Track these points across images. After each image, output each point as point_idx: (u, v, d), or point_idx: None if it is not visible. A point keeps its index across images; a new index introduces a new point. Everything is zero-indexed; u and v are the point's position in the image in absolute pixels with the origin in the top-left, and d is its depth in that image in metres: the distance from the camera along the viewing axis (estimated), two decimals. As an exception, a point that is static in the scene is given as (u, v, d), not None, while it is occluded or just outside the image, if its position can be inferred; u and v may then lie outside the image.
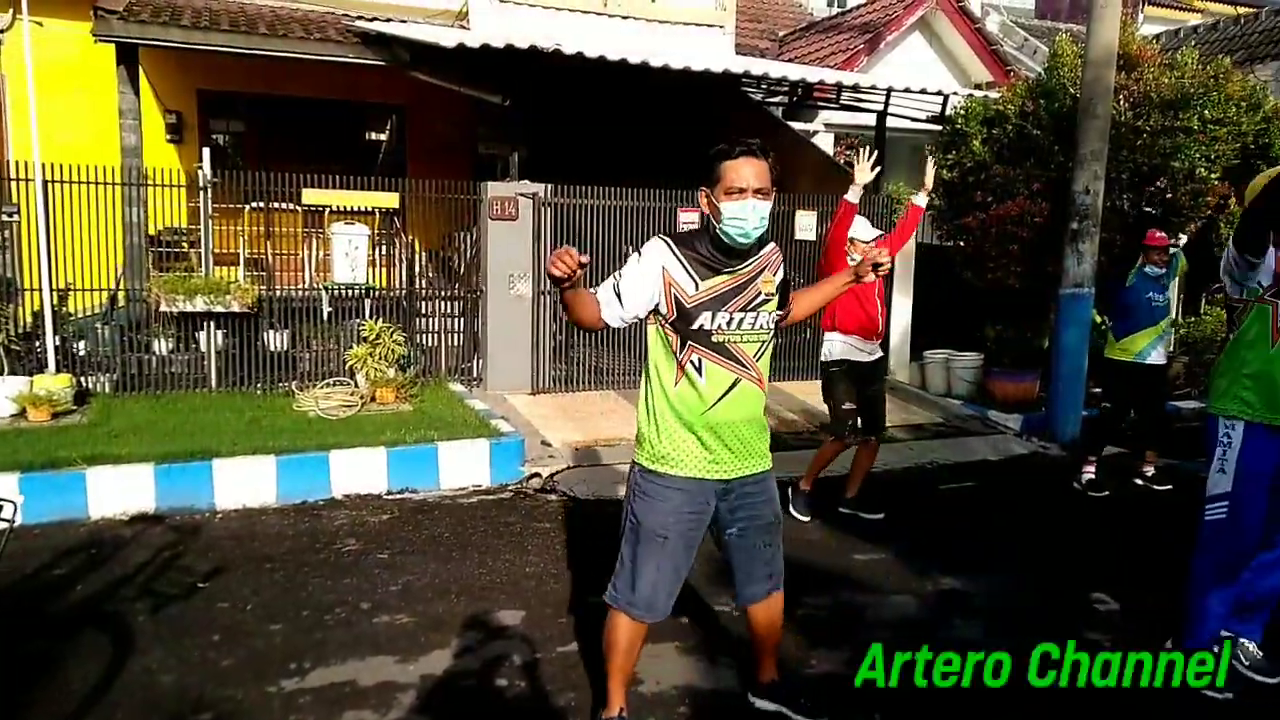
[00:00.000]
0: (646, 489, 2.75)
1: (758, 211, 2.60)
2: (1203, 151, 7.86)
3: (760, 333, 2.73)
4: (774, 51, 13.78)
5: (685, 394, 2.67)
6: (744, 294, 2.69)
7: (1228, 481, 3.22)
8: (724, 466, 2.74)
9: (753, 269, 2.74)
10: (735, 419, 2.71)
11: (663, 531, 2.73)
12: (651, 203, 8.35)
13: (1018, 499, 6.13)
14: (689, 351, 2.65)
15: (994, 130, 8.80)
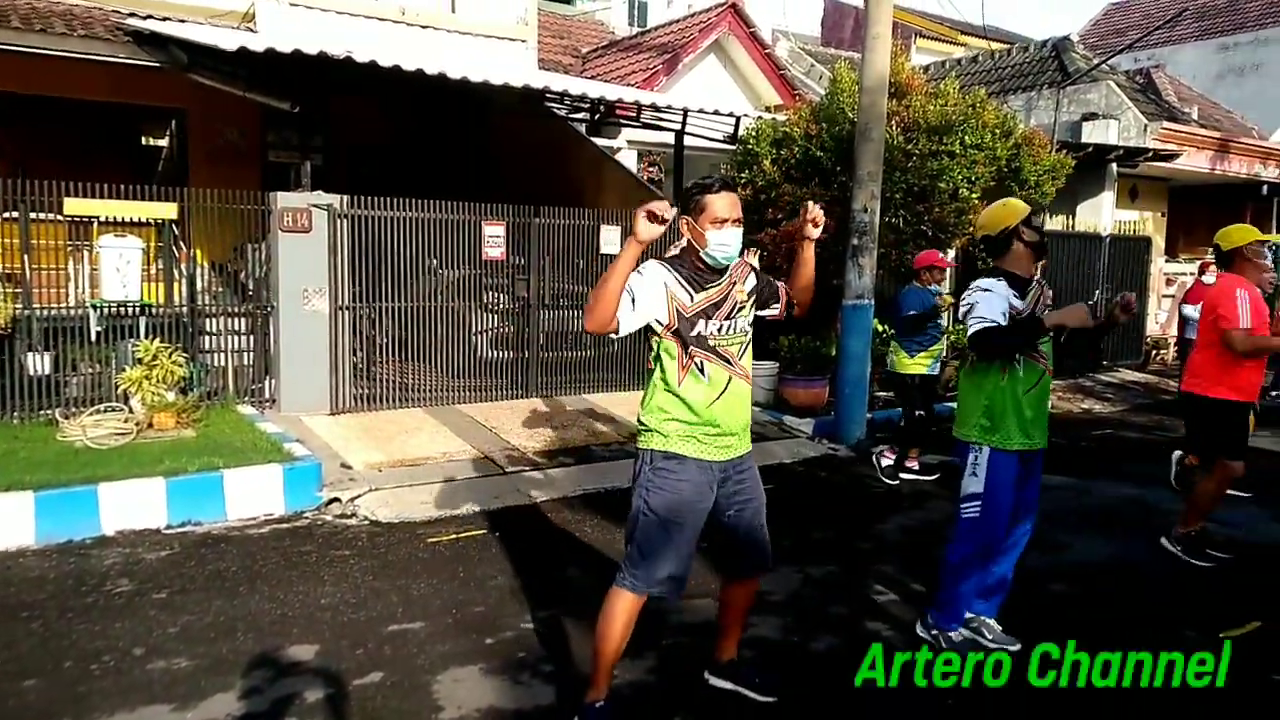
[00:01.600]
0: (660, 482, 3.02)
1: (737, 238, 3.01)
2: (964, 173, 8.64)
3: (741, 335, 3.11)
4: (577, 68, 13.95)
5: (690, 390, 3.01)
6: (726, 304, 3.06)
7: (979, 484, 3.65)
8: (723, 450, 3.07)
9: (729, 281, 3.09)
10: (730, 409, 3.05)
11: (678, 519, 3.02)
12: (456, 215, 8.22)
13: (809, 499, 6.47)
14: (692, 355, 3.01)
15: (782, 151, 9.30)
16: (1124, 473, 7.19)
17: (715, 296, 3.05)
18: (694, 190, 3.05)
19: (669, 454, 3.03)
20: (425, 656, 3.70)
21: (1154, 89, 15.74)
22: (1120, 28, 25.22)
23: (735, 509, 3.16)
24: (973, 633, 3.87)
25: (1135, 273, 13.37)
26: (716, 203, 2.98)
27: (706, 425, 3.03)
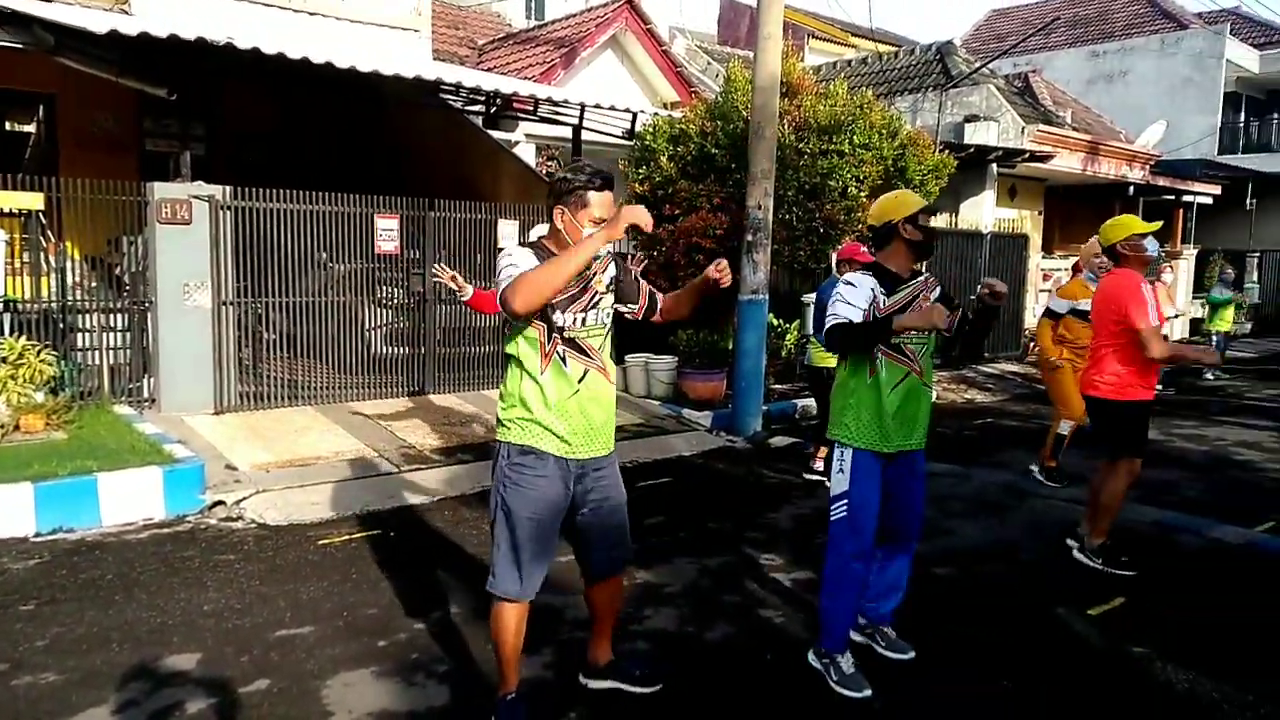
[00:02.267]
0: (517, 479, 2.94)
1: None
2: (853, 172, 8.91)
3: (600, 328, 3.03)
4: (473, 60, 13.77)
5: (550, 381, 2.93)
6: (585, 295, 2.98)
7: (845, 481, 3.49)
8: (580, 448, 2.99)
9: (589, 272, 2.97)
10: (589, 404, 2.98)
11: (535, 515, 2.94)
12: (347, 207, 8.02)
13: (706, 491, 6.57)
14: (554, 344, 2.93)
15: (679, 148, 9.41)
16: (1002, 460, 7.54)
17: (575, 288, 2.94)
18: (575, 183, 2.91)
19: (526, 449, 2.95)
20: (315, 661, 3.61)
21: (1031, 93, 16.54)
22: (1001, 33, 26.40)
23: (592, 507, 3.07)
24: (867, 639, 3.80)
25: (1014, 269, 14.01)
26: (598, 201, 2.90)
27: (564, 420, 2.95)
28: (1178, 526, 5.65)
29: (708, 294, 3.11)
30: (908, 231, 3.49)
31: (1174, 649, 3.89)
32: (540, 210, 9.25)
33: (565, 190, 2.93)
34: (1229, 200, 18.89)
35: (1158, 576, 4.81)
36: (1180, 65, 22.85)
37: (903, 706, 3.40)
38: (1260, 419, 9.73)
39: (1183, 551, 5.29)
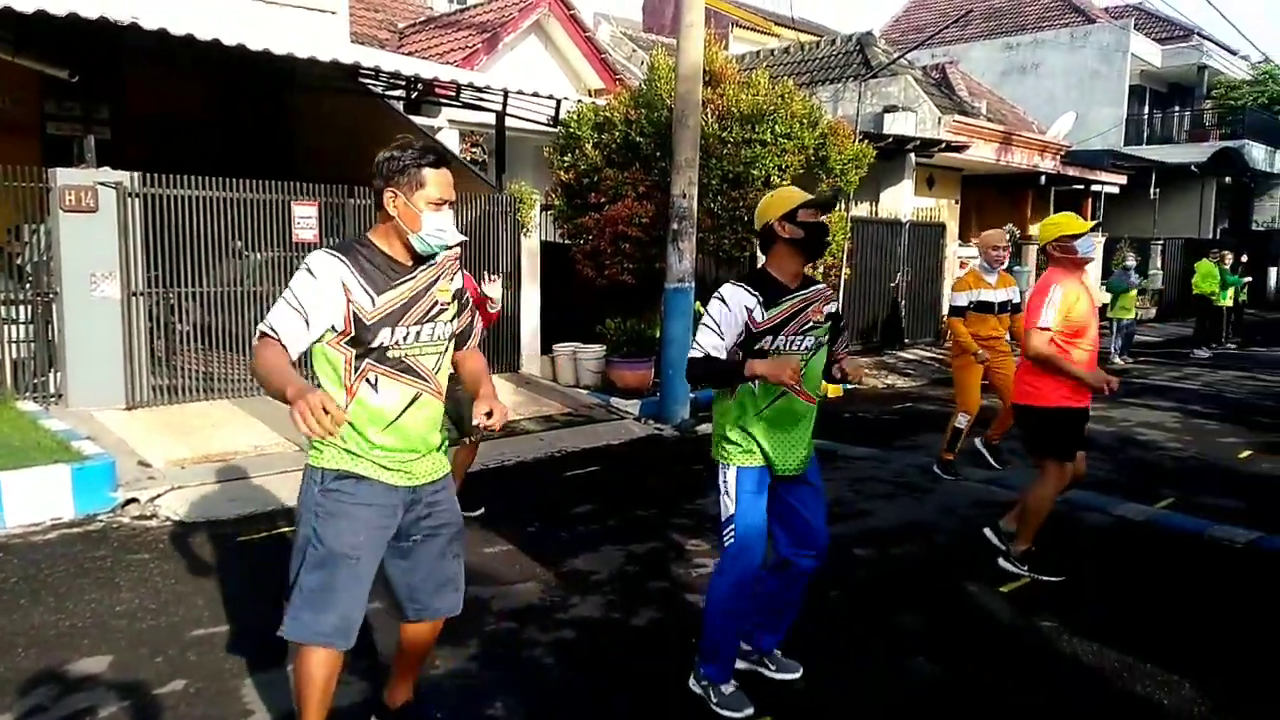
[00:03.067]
0: (332, 508, 2.50)
1: (452, 223, 2.56)
2: (775, 161, 9.01)
3: (438, 343, 2.62)
4: (393, 43, 13.51)
5: (359, 413, 2.49)
6: (419, 304, 2.56)
7: (731, 504, 3.23)
8: (408, 475, 2.59)
9: (429, 275, 2.60)
10: (417, 429, 2.58)
11: (354, 552, 2.51)
12: (264, 194, 7.81)
13: (634, 479, 6.61)
14: (364, 371, 2.49)
15: (604, 135, 9.39)
16: (921, 443, 7.76)
17: (405, 296, 2.52)
18: (405, 160, 2.49)
19: (343, 474, 2.52)
20: (233, 660, 3.54)
21: (948, 84, 16.94)
22: (919, 25, 26.97)
23: (421, 536, 2.65)
24: (753, 665, 3.54)
25: (932, 256, 14.38)
26: (438, 180, 2.50)
27: (386, 450, 2.54)
28: (1085, 505, 5.89)
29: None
30: (786, 230, 3.14)
31: (1080, 622, 4.07)
32: (464, 197, 9.15)
33: (395, 169, 2.49)
34: (1134, 190, 19.69)
35: (1066, 553, 5.02)
36: (1088, 58, 23.69)
37: (826, 688, 3.49)
38: (1162, 400, 10.19)
39: (1089, 528, 5.52)
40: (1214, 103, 25.32)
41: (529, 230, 9.50)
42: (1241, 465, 7.19)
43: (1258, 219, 26.76)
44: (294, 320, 2.41)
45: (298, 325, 2.42)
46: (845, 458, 7.12)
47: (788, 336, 3.18)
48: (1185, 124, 25.63)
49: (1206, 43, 25.86)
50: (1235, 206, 25.66)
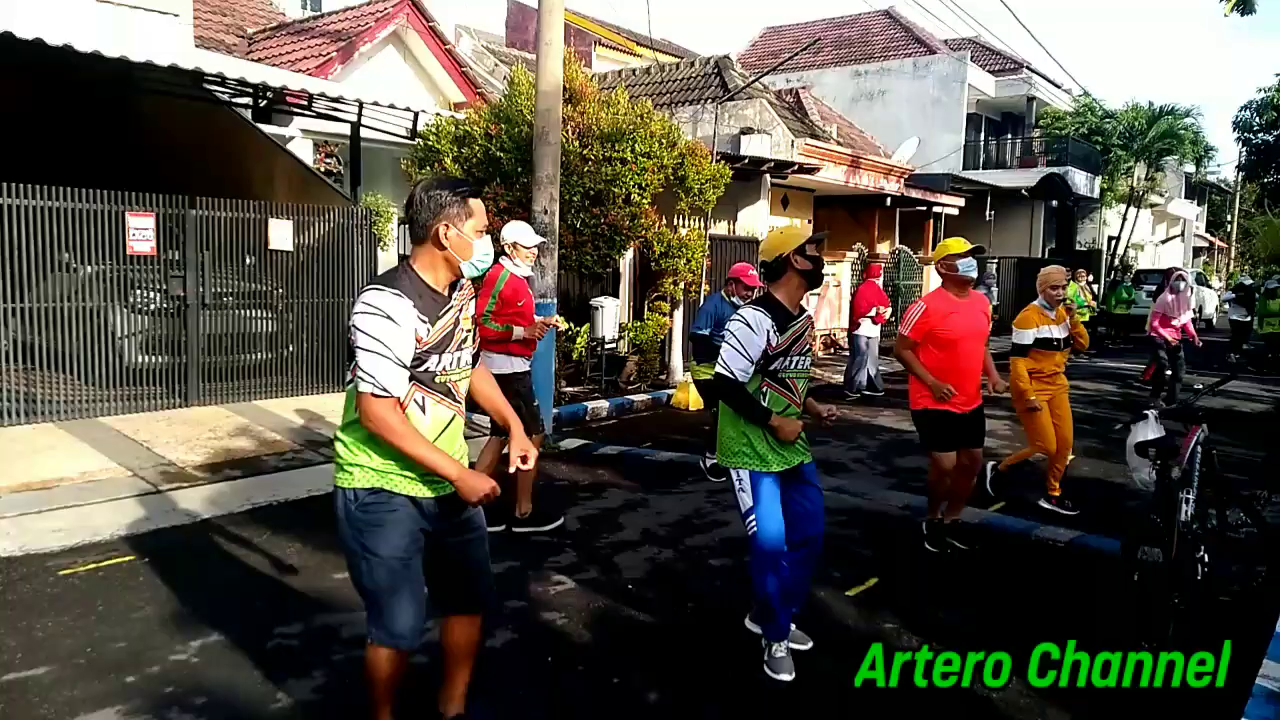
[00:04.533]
0: (372, 520, 2.66)
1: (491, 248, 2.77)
2: (636, 180, 9.15)
3: (467, 369, 2.81)
4: (242, 49, 12.96)
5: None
6: (458, 332, 2.74)
7: (749, 499, 3.67)
8: (441, 486, 2.71)
9: (459, 304, 2.76)
10: (450, 446, 2.75)
11: (404, 554, 2.69)
12: (94, 204, 7.33)
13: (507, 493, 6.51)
14: (413, 392, 2.65)
15: (464, 149, 9.30)
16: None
17: (449, 325, 2.69)
18: (456, 192, 2.67)
19: (376, 489, 2.66)
20: (50, 705, 3.27)
21: (802, 108, 17.63)
22: (775, 50, 27.97)
23: (462, 537, 2.87)
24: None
25: (788, 273, 14.87)
26: (479, 209, 2.69)
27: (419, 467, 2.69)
28: (925, 509, 6.20)
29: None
30: (799, 263, 3.65)
31: (919, 622, 4.28)
32: (318, 209, 8.85)
33: (446, 203, 2.63)
34: (971, 211, 20.99)
35: (907, 556, 5.28)
36: (930, 87, 25.12)
37: (680, 700, 3.54)
38: (998, 409, 10.85)
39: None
40: (1042, 131, 27.31)
41: (386, 244, 9.28)
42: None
43: (1080, 239, 29.02)
44: (398, 375, 2.57)
45: (402, 378, 2.58)
46: (704, 469, 7.26)
47: (792, 357, 3.68)
48: (1017, 151, 27.52)
49: (1034, 76, 27.88)
50: (1061, 228, 27.73)
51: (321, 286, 8.89)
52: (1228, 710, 3.32)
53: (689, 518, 5.94)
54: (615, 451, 7.77)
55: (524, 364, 5.63)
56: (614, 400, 9.67)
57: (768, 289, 3.77)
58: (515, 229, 5.65)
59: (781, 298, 3.69)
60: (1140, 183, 27.12)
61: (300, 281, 8.77)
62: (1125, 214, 27.63)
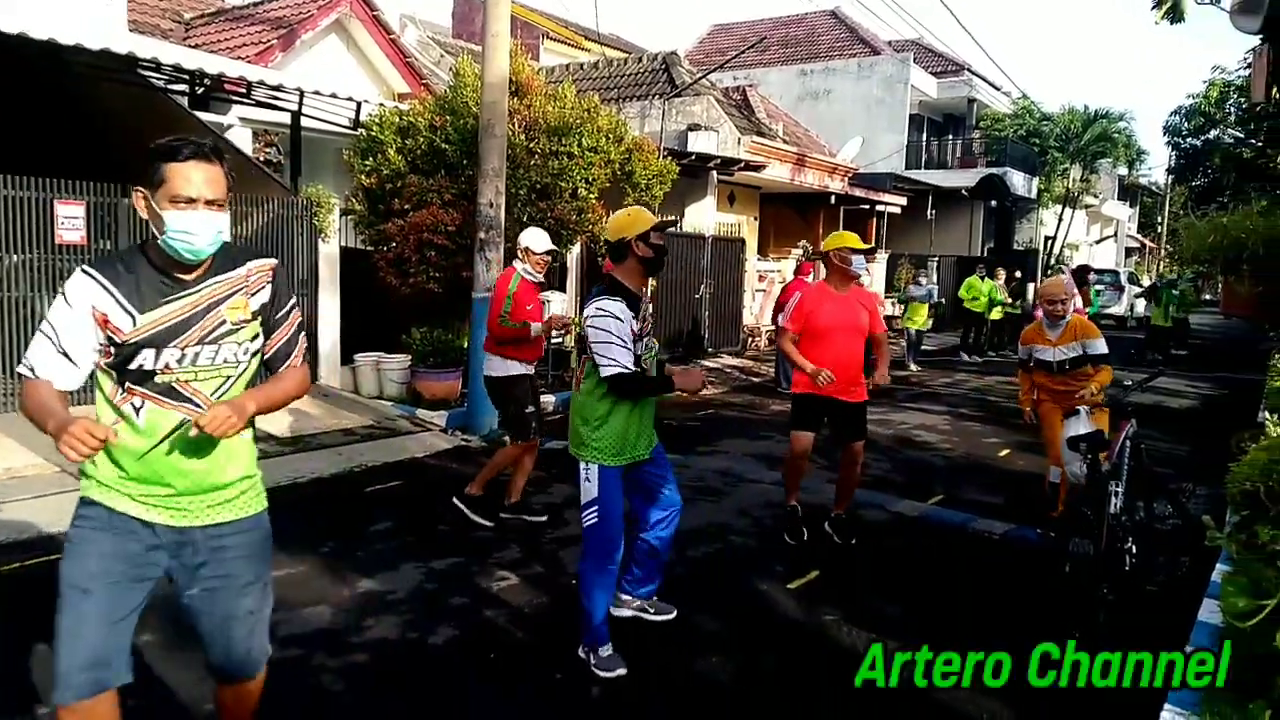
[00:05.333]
0: (75, 537, 2.27)
1: (212, 225, 2.24)
2: (582, 174, 9.12)
3: (224, 368, 2.32)
4: (179, 35, 12.61)
5: (121, 436, 2.22)
6: (200, 324, 2.28)
7: (594, 489, 3.62)
8: (177, 513, 2.30)
9: (218, 292, 2.32)
10: (189, 464, 2.29)
11: (86, 584, 2.21)
12: (18, 191, 7.08)
13: (438, 492, 6.44)
14: (130, 392, 2.24)
15: (408, 141, 9.17)
16: (721, 448, 8.05)
17: (179, 314, 2.25)
18: (155, 154, 2.24)
19: (92, 502, 2.29)
20: (-29, 710, 3.16)
21: (748, 106, 17.75)
22: (722, 48, 28.09)
23: (202, 589, 2.35)
24: (636, 612, 4.14)
25: (733, 270, 14.98)
26: (182, 175, 2.20)
27: (139, 483, 2.27)
28: (866, 503, 6.31)
29: None
30: (641, 249, 3.61)
31: (858, 613, 4.35)
32: (256, 200, 8.66)
33: (144, 168, 2.26)
34: (913, 210, 21.36)
35: (847, 548, 5.35)
36: (874, 88, 25.48)
37: (624, 695, 3.54)
38: (937, 405, 11.09)
39: (868, 524, 5.91)
40: (981, 133, 27.88)
41: (327, 236, 9.12)
42: (1001, 463, 7.94)
43: (1018, 239, 29.70)
44: (49, 354, 2.21)
45: (54, 358, 2.21)
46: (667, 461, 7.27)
47: (645, 339, 3.65)
48: (957, 151, 28.06)
49: (975, 78, 28.46)
50: (1000, 227, 28.36)
51: (261, 279, 8.69)
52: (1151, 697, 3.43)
53: (631, 513, 5.95)
54: (561, 446, 7.70)
55: (520, 367, 5.62)
56: (561, 395, 9.63)
57: (611, 270, 3.74)
58: (527, 234, 5.70)
59: (624, 280, 3.65)
60: (1076, 184, 27.87)
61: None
62: (1061, 214, 28.36)
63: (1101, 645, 4.00)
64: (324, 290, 9.20)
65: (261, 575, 2.46)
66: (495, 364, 5.60)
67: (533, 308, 5.55)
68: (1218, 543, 3.26)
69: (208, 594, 2.36)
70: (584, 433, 3.66)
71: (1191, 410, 11.31)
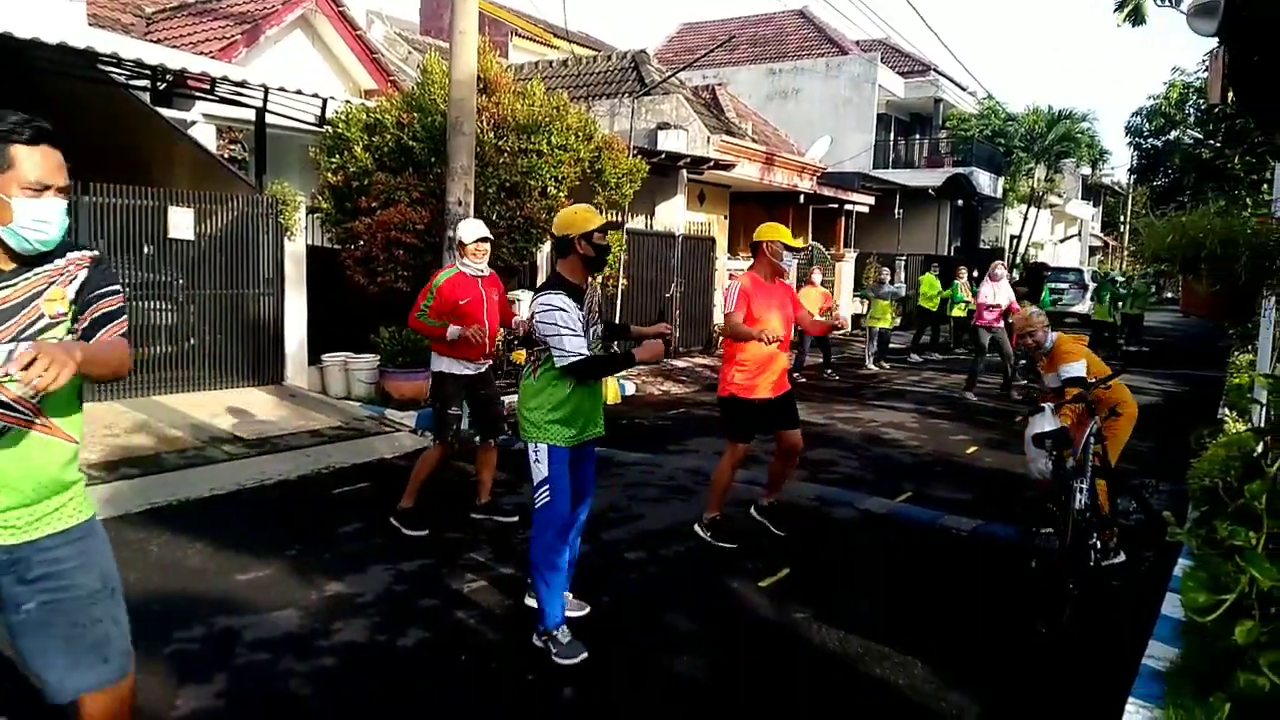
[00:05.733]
0: None
1: (62, 213, 2.11)
2: (552, 172, 9.09)
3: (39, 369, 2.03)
4: (140, 29, 12.40)
5: None
6: (17, 319, 2.08)
7: (544, 469, 3.75)
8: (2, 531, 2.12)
9: (37, 284, 2.13)
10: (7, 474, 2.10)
11: None
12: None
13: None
14: None
15: (375, 138, 9.09)
16: (691, 447, 8.06)
17: None
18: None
19: None
20: (-74, 721, 3.09)
21: (718, 104, 17.79)
22: (691, 46, 28.15)
23: (38, 602, 2.17)
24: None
25: (703, 269, 15.01)
26: (33, 158, 2.07)
27: None
28: (835, 500, 6.35)
29: None
30: (582, 247, 3.77)
31: (829, 611, 4.37)
32: (220, 197, 8.54)
33: None
34: (881, 209, 21.53)
35: (818, 546, 5.39)
36: (842, 87, 25.65)
37: (596, 693, 3.54)
38: (905, 402, 11.19)
39: (837, 522, 5.96)
40: (948, 133, 28.17)
41: (293, 234, 9.01)
42: (968, 460, 8.02)
43: (984, 238, 30.06)
44: None
45: None
46: (620, 463, 7.28)
47: (593, 328, 3.82)
48: (924, 151, 28.33)
49: (941, 78, 28.75)
50: (966, 226, 28.67)
51: (225, 277, 8.58)
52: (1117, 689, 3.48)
53: (604, 512, 5.94)
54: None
55: (453, 365, 5.46)
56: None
57: (558, 264, 3.87)
58: (461, 225, 5.59)
59: (568, 274, 3.80)
60: (1040, 183, 28.23)
61: (202, 272, 8.44)
62: (1026, 214, 28.73)
63: (1068, 638, 4.07)
64: (290, 289, 9.08)
65: (108, 582, 2.30)
66: (434, 359, 5.48)
67: (469, 302, 5.33)
68: (1178, 538, 3.32)
69: (48, 608, 2.18)
70: (536, 417, 3.78)
71: (1154, 407, 11.50)
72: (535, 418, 3.78)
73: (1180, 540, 3.67)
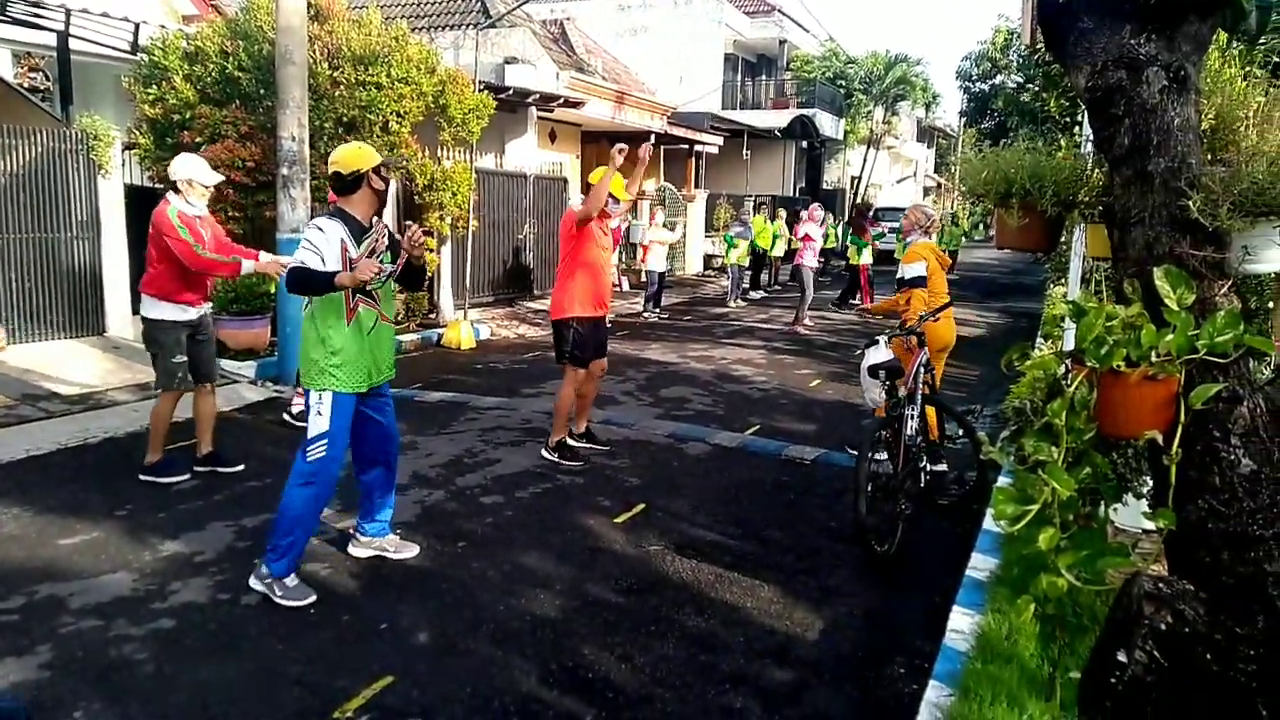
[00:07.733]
0: None
1: None
2: (393, 106, 8.72)
3: None
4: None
5: None
6: None
7: (325, 421, 3.73)
8: None
9: None
10: None
11: None
12: None
13: (248, 446, 6.12)
14: None
15: (196, 67, 8.46)
16: (547, 390, 8.05)
17: None
18: None
19: None
20: None
21: (567, 40, 17.46)
22: (538, -21, 27.36)
23: None
24: (377, 551, 4.20)
25: (555, 209, 14.86)
26: None
27: None
28: (688, 436, 6.51)
29: None
30: (375, 181, 3.79)
31: (683, 542, 4.51)
32: (21, 130, 7.75)
33: None
34: (730, 150, 21.84)
35: (670, 481, 5.52)
36: (692, 25, 25.65)
37: (450, 637, 3.53)
38: (754, 340, 11.53)
39: (691, 457, 6.11)
40: (793, 74, 28.75)
41: (108, 172, 8.31)
42: (812, 393, 8.37)
43: (827, 179, 31.06)
44: None
45: None
46: (476, 408, 7.21)
47: (379, 258, 3.78)
48: (770, 92, 28.84)
49: (785, 19, 29.19)
50: (810, 167, 29.54)
51: (31, 220, 7.83)
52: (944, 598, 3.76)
53: (460, 458, 5.89)
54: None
55: (172, 310, 5.08)
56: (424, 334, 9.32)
57: (338, 202, 3.83)
58: (188, 163, 5.13)
59: (354, 211, 3.80)
60: (879, 125, 29.34)
61: (3, 213, 7.69)
62: (866, 155, 29.84)
63: (903, 555, 4.36)
64: (108, 233, 8.40)
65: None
66: (146, 303, 5.10)
67: (187, 239, 4.98)
68: (991, 455, 3.59)
69: None
70: (319, 360, 3.74)
71: (980, 339, 12.31)
72: (321, 362, 3.75)
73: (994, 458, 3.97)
